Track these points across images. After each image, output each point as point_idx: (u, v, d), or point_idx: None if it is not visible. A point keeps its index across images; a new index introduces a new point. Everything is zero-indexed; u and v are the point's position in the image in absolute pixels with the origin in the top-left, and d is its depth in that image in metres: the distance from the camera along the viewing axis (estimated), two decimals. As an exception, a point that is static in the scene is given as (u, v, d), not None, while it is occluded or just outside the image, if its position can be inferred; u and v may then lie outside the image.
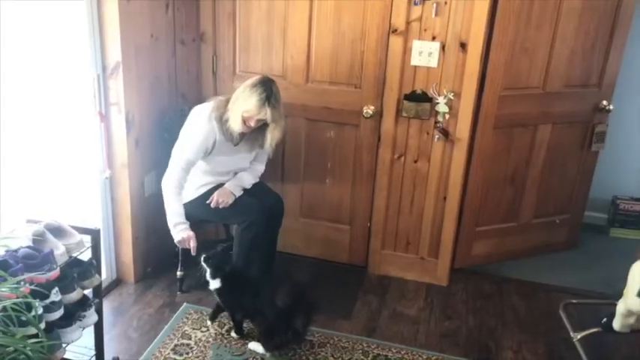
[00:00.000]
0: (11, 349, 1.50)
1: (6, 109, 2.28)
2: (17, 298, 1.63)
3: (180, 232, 2.69)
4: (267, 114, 2.65)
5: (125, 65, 2.76)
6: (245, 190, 2.93)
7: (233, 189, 2.87)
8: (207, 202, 2.83)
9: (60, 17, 2.55)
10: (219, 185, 2.89)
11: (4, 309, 1.55)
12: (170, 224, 2.72)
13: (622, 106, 3.66)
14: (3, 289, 1.60)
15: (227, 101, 2.77)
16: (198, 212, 2.84)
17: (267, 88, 2.65)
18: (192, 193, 2.88)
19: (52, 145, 2.61)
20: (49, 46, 2.51)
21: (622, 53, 3.39)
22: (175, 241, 2.72)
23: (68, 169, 2.75)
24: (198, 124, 2.75)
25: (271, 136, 2.76)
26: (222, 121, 2.73)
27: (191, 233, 2.69)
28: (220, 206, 2.82)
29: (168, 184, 2.74)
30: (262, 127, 2.75)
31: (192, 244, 2.68)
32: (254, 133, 2.80)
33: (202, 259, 2.67)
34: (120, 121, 2.85)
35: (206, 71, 3.32)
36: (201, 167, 2.85)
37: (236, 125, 2.69)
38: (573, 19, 3.13)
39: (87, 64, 2.71)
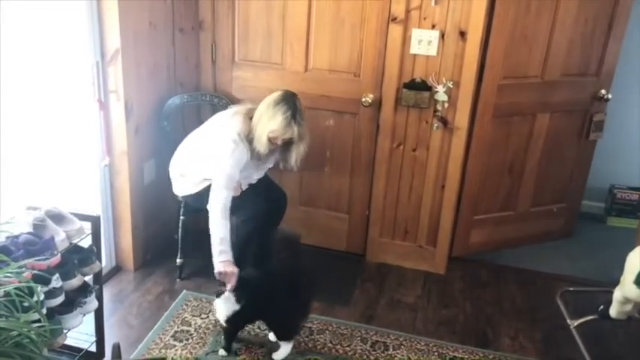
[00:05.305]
0: (15, 333, 1.51)
1: (5, 97, 2.27)
2: (19, 283, 1.64)
3: (225, 264, 2.46)
4: (294, 133, 2.57)
5: (124, 52, 2.75)
6: (250, 183, 2.89)
7: (242, 183, 2.81)
8: None
9: (59, 4, 2.54)
10: None
11: (7, 294, 1.57)
12: (214, 251, 2.51)
13: (620, 96, 3.66)
14: (6, 274, 1.60)
15: (248, 115, 2.68)
16: (199, 202, 2.81)
17: (291, 104, 2.57)
18: (197, 185, 2.81)
19: (51, 132, 2.61)
20: (48, 33, 2.50)
21: (621, 42, 3.39)
22: (215, 271, 2.47)
23: (67, 156, 2.75)
24: (232, 146, 2.60)
25: (297, 152, 2.67)
26: (248, 140, 2.64)
27: (235, 270, 2.45)
28: None
29: (218, 207, 2.54)
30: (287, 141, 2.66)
31: (233, 282, 2.42)
32: (278, 147, 2.70)
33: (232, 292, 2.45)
34: (119, 109, 2.84)
35: (205, 59, 3.31)
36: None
37: (262, 146, 2.60)
38: (572, 7, 3.13)
39: (86, 50, 2.70)
